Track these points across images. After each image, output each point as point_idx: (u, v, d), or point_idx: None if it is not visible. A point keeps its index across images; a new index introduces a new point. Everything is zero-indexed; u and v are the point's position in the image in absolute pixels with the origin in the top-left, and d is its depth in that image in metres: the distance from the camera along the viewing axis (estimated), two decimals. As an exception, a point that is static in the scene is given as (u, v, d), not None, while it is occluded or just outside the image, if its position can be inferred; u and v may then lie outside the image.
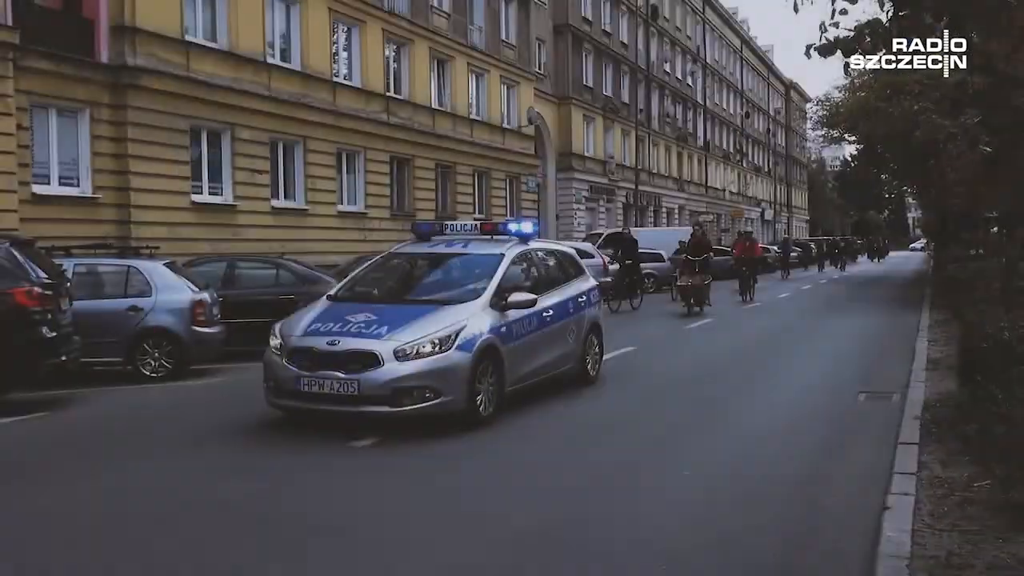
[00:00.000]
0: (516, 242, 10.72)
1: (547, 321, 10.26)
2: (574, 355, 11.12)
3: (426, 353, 8.48)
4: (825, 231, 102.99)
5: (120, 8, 19.77)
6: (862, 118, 37.23)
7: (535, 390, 10.23)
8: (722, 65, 75.12)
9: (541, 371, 10.23)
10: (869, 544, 5.48)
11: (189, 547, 5.55)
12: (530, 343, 9.86)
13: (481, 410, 8.80)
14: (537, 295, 10.03)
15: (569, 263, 11.92)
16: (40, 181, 18.31)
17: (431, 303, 9.47)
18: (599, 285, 12.41)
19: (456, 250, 10.75)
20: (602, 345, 12.10)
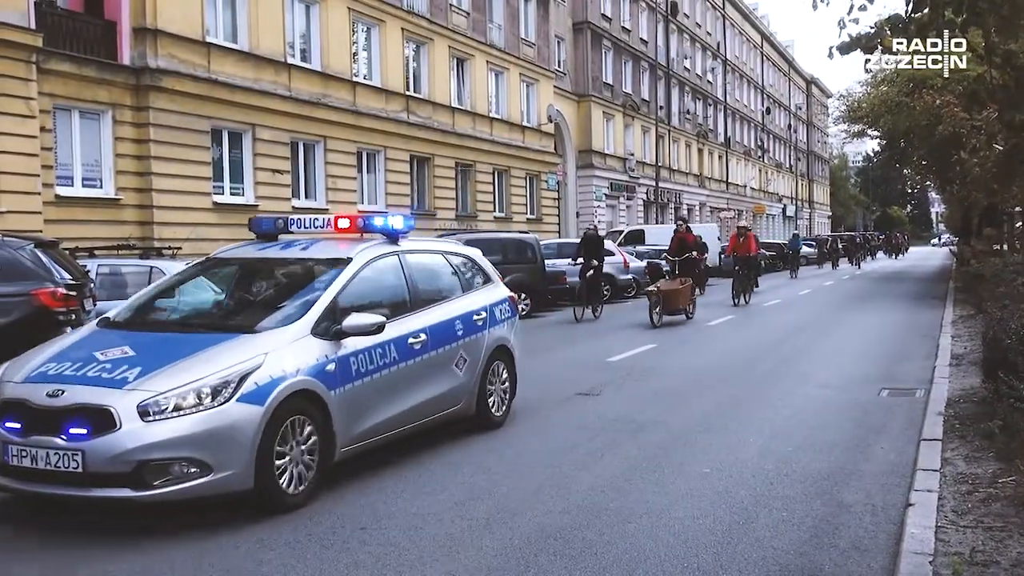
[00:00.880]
0: (378, 242, 8.11)
1: (417, 349, 7.73)
2: (466, 391, 8.48)
3: (188, 408, 5.88)
4: (847, 227, 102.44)
5: (142, 10, 19.93)
6: (884, 113, 36.98)
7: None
8: (742, 61, 74.79)
9: (408, 418, 7.65)
10: (892, 540, 5.47)
11: (217, 546, 5.58)
12: (385, 382, 7.29)
13: (288, 489, 6.25)
14: (408, 313, 7.84)
15: (468, 269, 9.31)
16: (63, 183, 18.49)
17: (221, 331, 6.86)
18: (510, 297, 9.65)
19: (289, 254, 8.10)
20: (514, 375, 9.41)
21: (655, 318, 18.76)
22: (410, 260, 8.34)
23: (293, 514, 6.20)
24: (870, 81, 38.60)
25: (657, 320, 18.76)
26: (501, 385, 9.20)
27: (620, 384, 11.65)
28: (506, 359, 9.31)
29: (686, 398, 10.65)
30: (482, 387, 8.77)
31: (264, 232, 8.56)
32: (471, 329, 8.63)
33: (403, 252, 8.28)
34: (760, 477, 7.01)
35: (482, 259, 9.74)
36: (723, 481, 6.90)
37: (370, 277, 7.71)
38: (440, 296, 8.54)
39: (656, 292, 19.30)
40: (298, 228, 8.32)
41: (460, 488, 6.80)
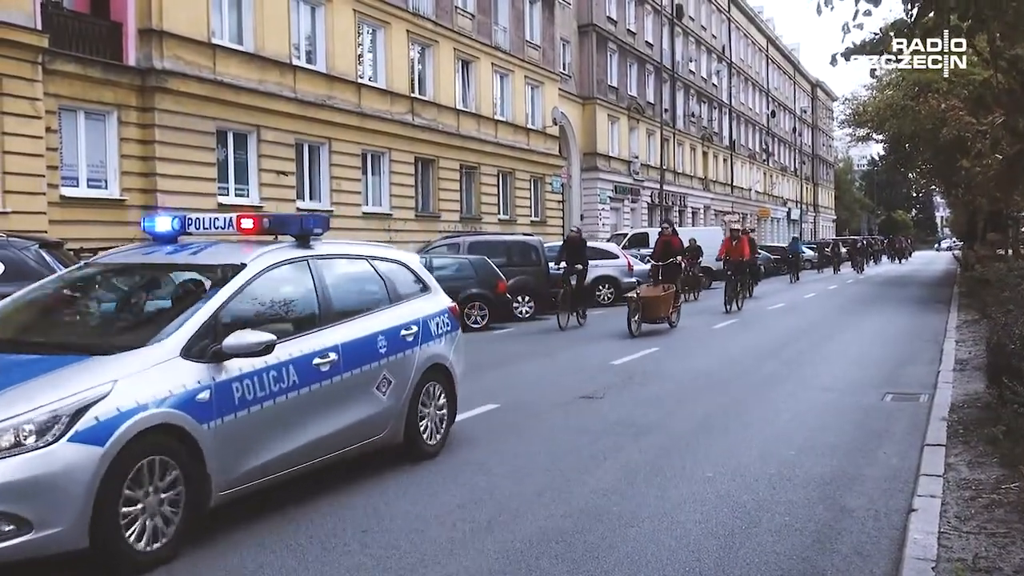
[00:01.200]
0: (284, 246, 6.98)
1: (325, 371, 6.60)
2: (391, 417, 7.37)
3: (3, 450, 4.82)
4: (852, 231, 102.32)
5: (147, 12, 19.98)
6: (889, 116, 36.99)
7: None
8: (747, 64, 74.79)
9: (315, 451, 6.55)
10: (895, 546, 5.45)
11: (213, 548, 5.58)
12: (282, 411, 6.19)
13: (139, 546, 5.17)
14: (317, 328, 6.72)
15: (399, 277, 8.07)
16: (68, 184, 18.54)
17: (64, 351, 5.61)
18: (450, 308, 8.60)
19: (174, 259, 6.82)
20: (454, 397, 8.28)
21: (633, 326, 17.56)
22: (323, 267, 7.11)
23: (294, 517, 6.16)
24: (875, 85, 38.65)
25: (636, 329, 17.54)
26: (437, 410, 8.02)
27: (622, 387, 11.64)
28: (443, 379, 8.13)
29: (688, 402, 10.64)
30: (412, 412, 7.61)
31: (160, 234, 7.21)
32: (398, 346, 7.48)
33: (315, 257, 7.06)
34: (763, 481, 7.00)
35: (418, 265, 8.61)
36: (725, 485, 6.89)
37: (269, 287, 6.59)
38: (361, 308, 7.37)
39: (636, 299, 18.06)
40: (197, 229, 7.08)
41: (462, 490, 6.80)
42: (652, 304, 18.11)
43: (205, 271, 6.58)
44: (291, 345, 6.38)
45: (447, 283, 19.97)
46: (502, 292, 20.52)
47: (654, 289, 19.02)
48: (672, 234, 20.77)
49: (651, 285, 19.63)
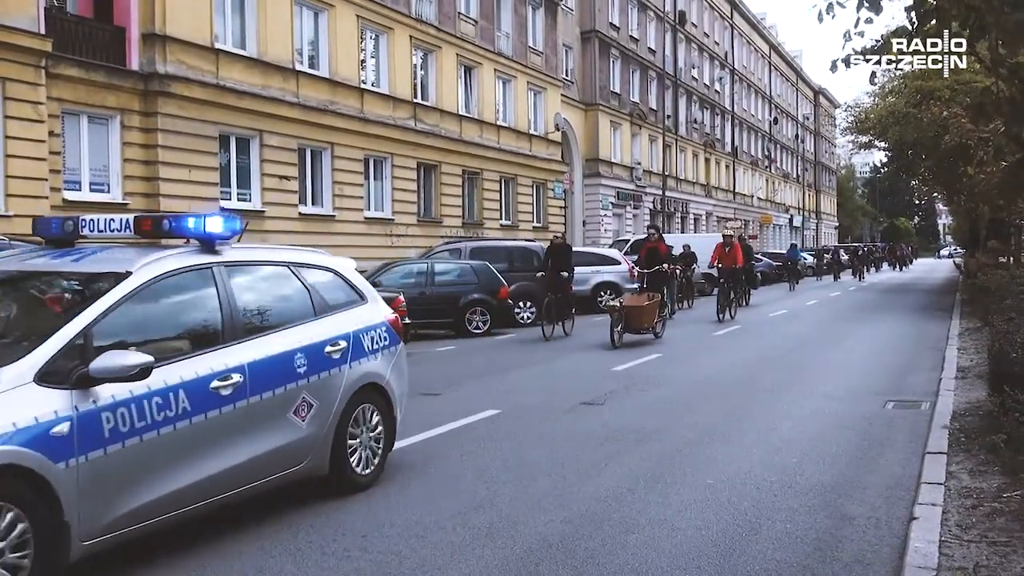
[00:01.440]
0: (185, 251, 6.04)
1: (227, 396, 5.76)
2: (313, 445, 6.50)
3: None
4: (854, 238, 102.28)
5: (151, 16, 20.02)
6: (892, 124, 36.97)
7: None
8: (750, 71, 74.85)
9: (215, 488, 5.69)
10: (896, 554, 5.44)
11: (216, 554, 5.58)
12: (168, 443, 5.32)
13: None
14: (220, 345, 5.87)
15: (328, 287, 7.19)
16: (71, 187, 18.58)
17: None
18: (390, 321, 7.68)
19: (54, 266, 5.92)
20: (393, 422, 7.47)
21: (616, 337, 16.77)
22: (232, 275, 6.23)
23: (293, 521, 6.17)
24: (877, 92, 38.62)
25: (618, 339, 16.76)
26: (371, 435, 7.16)
27: (624, 394, 11.63)
28: (379, 401, 7.29)
29: (690, 408, 10.62)
30: (339, 439, 6.75)
31: (53, 237, 6.40)
32: (321, 364, 6.61)
33: (221, 264, 6.16)
34: (764, 489, 6.99)
35: (352, 273, 7.69)
36: (726, 492, 6.88)
37: (160, 298, 5.70)
38: (278, 322, 6.51)
39: (618, 308, 17.20)
40: (91, 231, 6.19)
41: (462, 496, 6.79)
42: (636, 314, 17.29)
43: (84, 280, 5.66)
44: (184, 366, 5.53)
45: (449, 288, 20.45)
46: (504, 298, 20.53)
47: (638, 298, 18.10)
48: (658, 240, 19.96)
49: (636, 293, 18.86)
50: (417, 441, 8.73)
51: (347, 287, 7.48)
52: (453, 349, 17.73)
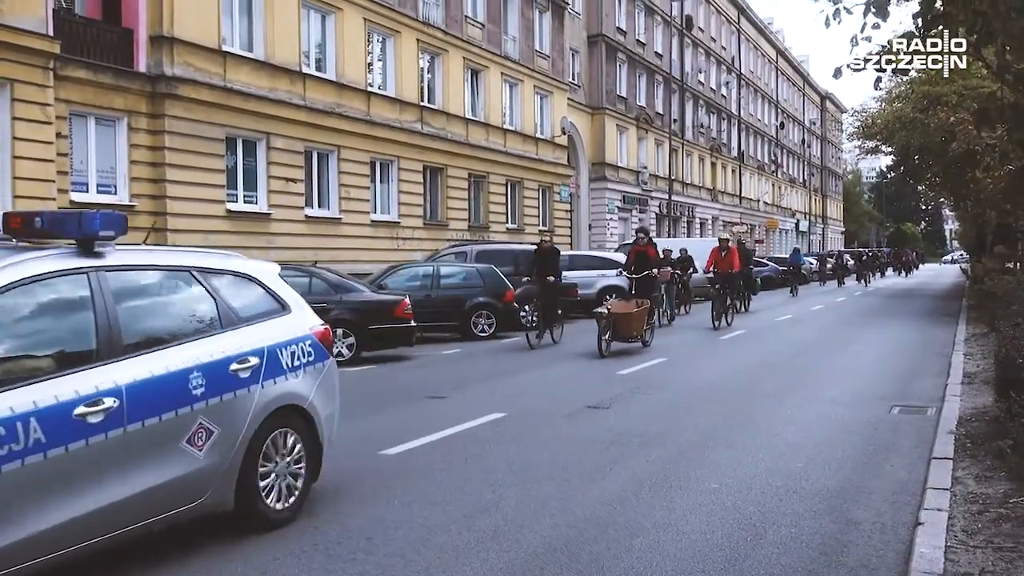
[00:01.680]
0: (56, 254, 5.24)
1: (96, 424, 4.94)
2: (213, 478, 5.65)
3: None
4: (861, 243, 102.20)
5: (159, 18, 20.07)
6: (898, 129, 36.96)
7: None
8: (757, 76, 74.82)
9: (86, 531, 4.90)
10: (901, 559, 5.43)
11: (221, 555, 5.59)
12: (20, 481, 4.54)
13: None
14: (93, 364, 5.07)
15: (239, 294, 6.33)
16: (78, 189, 18.61)
17: None
18: (318, 333, 6.75)
19: None
20: (318, 449, 6.55)
21: (604, 345, 15.98)
22: (114, 281, 5.41)
23: (299, 524, 6.16)
24: (884, 97, 38.63)
25: (606, 348, 16.00)
26: (290, 465, 6.28)
27: (629, 398, 11.63)
28: (301, 425, 6.39)
29: (695, 413, 10.61)
30: (248, 470, 5.88)
31: None
32: (224, 384, 5.74)
33: (101, 269, 5.35)
34: (769, 493, 6.98)
35: (273, 279, 6.79)
36: (731, 496, 6.87)
37: (16, 308, 4.89)
38: (170, 336, 5.69)
39: (606, 315, 16.27)
40: None
41: (467, 500, 6.78)
42: (624, 321, 16.51)
43: None
44: (39, 390, 4.71)
45: (454, 291, 20.46)
46: (509, 301, 20.52)
47: (627, 304, 17.37)
48: (648, 244, 18.87)
49: (625, 299, 18.15)
50: (422, 444, 8.73)
51: (266, 295, 6.59)
52: (458, 352, 17.73)
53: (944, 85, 29.02)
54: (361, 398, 12.00)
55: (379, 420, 10.12)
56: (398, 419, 10.17)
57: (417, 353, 17.15)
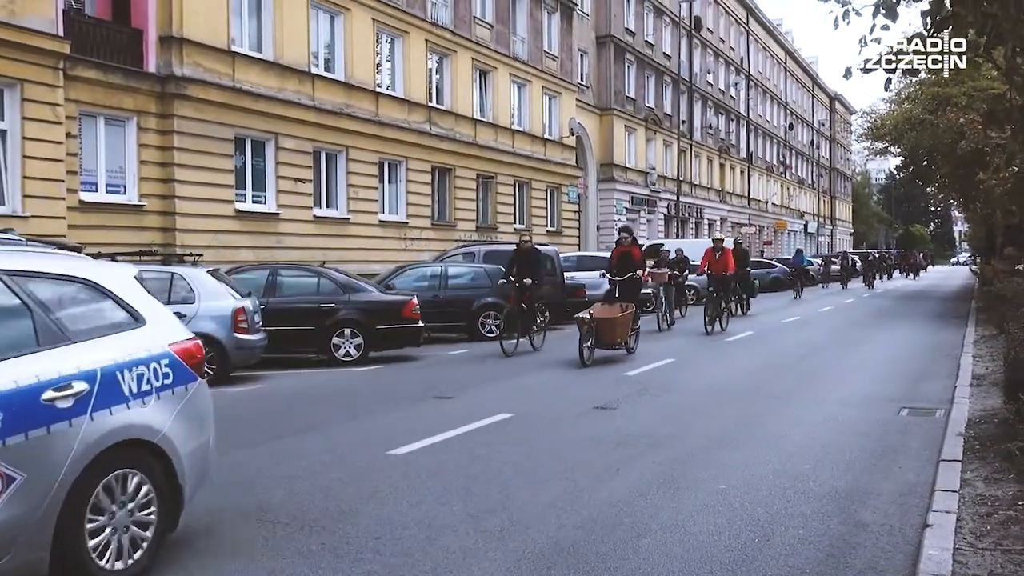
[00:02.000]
0: None
1: None
2: (17, 536, 4.46)
3: None
4: (870, 244, 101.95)
5: (168, 19, 20.12)
6: (907, 130, 36.89)
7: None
8: (766, 77, 74.72)
9: None
10: (909, 562, 5.41)
11: (227, 552, 5.60)
12: None
13: None
14: None
15: (72, 301, 5.21)
16: (88, 189, 18.66)
17: None
18: (181, 351, 5.57)
19: None
20: (177, 491, 5.43)
21: (585, 354, 14.88)
22: None
23: (306, 523, 6.15)
24: (893, 99, 38.55)
25: (588, 356, 14.89)
26: (134, 513, 5.11)
27: (637, 399, 11.62)
28: (151, 465, 5.22)
29: (703, 414, 10.61)
30: (71, 523, 4.69)
31: None
32: (31, 418, 4.53)
33: None
34: (776, 494, 6.97)
35: (124, 284, 5.61)
36: (739, 498, 6.86)
37: None
38: None
39: (588, 321, 15.18)
40: None
41: (474, 500, 6.79)
42: (608, 327, 15.36)
43: None
44: None
45: (462, 292, 20.47)
46: (517, 302, 20.53)
47: (610, 309, 15.94)
48: (631, 244, 17.05)
49: (608, 303, 16.39)
50: (429, 444, 8.74)
51: (114, 305, 5.44)
52: (466, 352, 17.74)
53: (953, 86, 28.96)
54: (369, 398, 12.04)
55: (387, 420, 10.13)
56: (406, 419, 10.18)
57: (424, 353, 17.16)
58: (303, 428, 9.62)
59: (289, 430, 9.50)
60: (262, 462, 8.03)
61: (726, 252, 22.54)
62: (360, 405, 11.46)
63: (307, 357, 16.29)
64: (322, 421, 9.72)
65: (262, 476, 7.52)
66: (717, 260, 22.21)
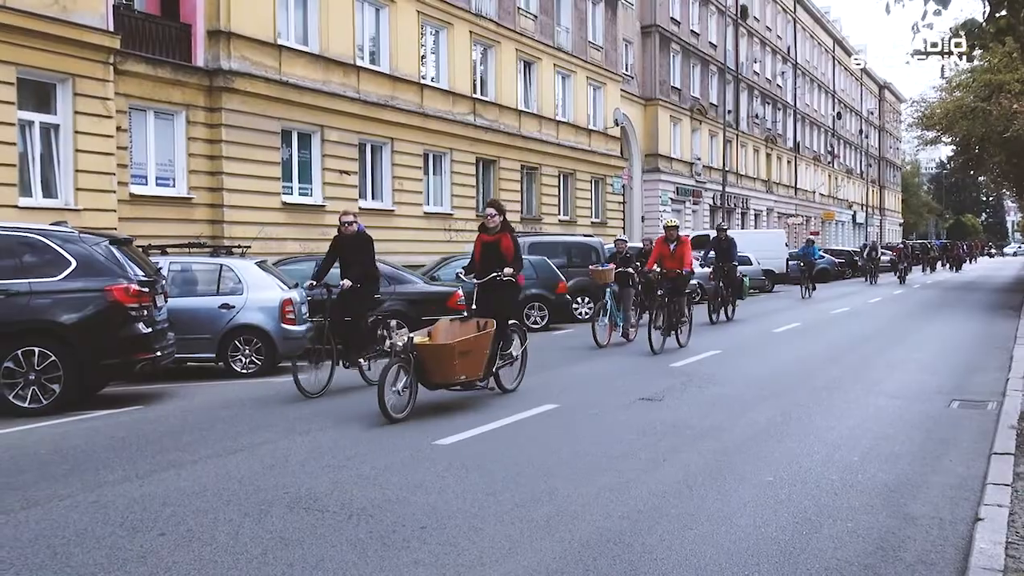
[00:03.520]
0: None
1: None
2: None
3: None
4: (920, 235, 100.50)
5: (216, 13, 20.33)
6: (959, 118, 36.32)
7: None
8: (813, 65, 73.85)
9: None
10: (960, 555, 5.35)
11: (277, 540, 5.66)
12: None
13: None
14: None
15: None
16: (138, 182, 18.94)
17: None
18: None
19: None
20: None
21: (391, 403, 9.26)
22: None
23: (354, 512, 6.21)
24: (944, 86, 37.98)
25: (403, 409, 9.40)
26: None
27: (682, 390, 11.58)
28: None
29: (748, 405, 10.54)
30: None
31: None
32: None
33: None
34: (824, 487, 6.91)
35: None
36: (786, 490, 6.82)
37: None
38: None
39: (404, 349, 9.56)
40: None
41: (520, 490, 6.80)
42: (433, 358, 9.81)
43: None
44: None
45: (507, 283, 20.36)
46: (562, 293, 20.52)
47: (452, 330, 10.62)
48: (502, 228, 11.60)
49: (454, 321, 11.03)
50: (475, 434, 8.78)
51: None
52: (511, 344, 17.70)
53: (1007, 73, 28.45)
54: (414, 389, 12.08)
55: (433, 411, 10.18)
56: (451, 410, 10.22)
57: (470, 344, 17.16)
58: (349, 417, 9.69)
59: (335, 419, 9.58)
60: (308, 451, 8.10)
61: (683, 244, 16.83)
62: (406, 395, 11.51)
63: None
64: (368, 411, 9.79)
65: (309, 465, 7.59)
66: (671, 254, 16.55)
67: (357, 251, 11.98)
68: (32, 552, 5.42)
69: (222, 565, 5.23)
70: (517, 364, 11.59)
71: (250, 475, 7.24)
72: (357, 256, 11.94)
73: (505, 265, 11.21)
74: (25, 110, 16.34)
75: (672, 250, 16.61)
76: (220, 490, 6.79)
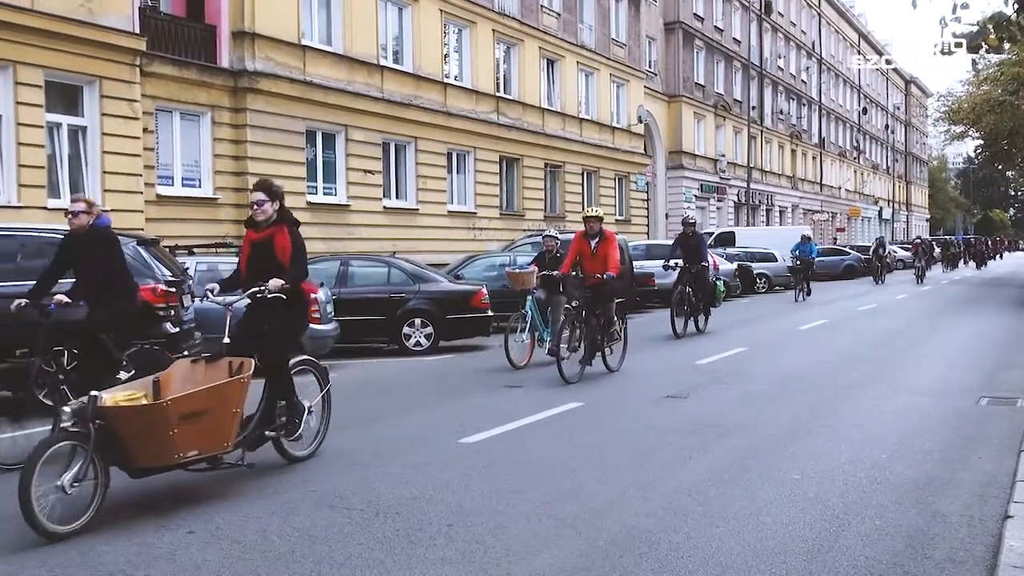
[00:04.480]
0: None
1: None
2: None
3: None
4: (947, 230, 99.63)
5: (240, 14, 20.45)
6: (986, 112, 35.99)
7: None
8: (838, 60, 73.34)
9: None
10: (990, 553, 5.30)
11: (304, 537, 5.70)
12: None
13: None
14: None
15: None
16: (164, 182, 19.08)
17: None
18: None
19: None
20: None
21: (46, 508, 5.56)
22: None
23: (380, 509, 6.23)
24: (972, 81, 37.65)
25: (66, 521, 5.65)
26: None
27: (708, 387, 11.54)
28: None
29: (775, 403, 10.49)
30: None
31: None
32: None
33: None
34: (852, 484, 6.87)
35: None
36: (813, 487, 6.79)
37: None
38: None
39: (71, 416, 5.87)
40: None
41: (546, 488, 6.81)
42: (137, 426, 6.11)
43: None
44: None
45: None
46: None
47: (192, 374, 7.13)
48: (278, 220, 8.56)
49: (195, 362, 7.35)
50: (501, 432, 8.79)
51: None
52: (535, 342, 17.70)
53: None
54: (440, 387, 12.14)
55: (458, 409, 10.20)
56: (477, 408, 10.24)
57: (493, 343, 17.18)
58: (375, 416, 9.74)
59: (361, 418, 9.62)
60: (335, 450, 8.13)
61: (607, 241, 12.77)
62: (431, 394, 11.56)
63: (378, 347, 16.46)
64: (394, 410, 9.83)
65: (336, 463, 7.63)
66: (592, 255, 12.74)
67: (89, 255, 8.32)
68: (63, 550, 5.47)
69: (251, 563, 5.28)
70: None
71: (274, 474, 7.28)
72: (89, 263, 8.29)
73: (278, 274, 7.49)
74: (53, 112, 16.50)
75: (593, 248, 12.75)
76: (244, 490, 6.83)
